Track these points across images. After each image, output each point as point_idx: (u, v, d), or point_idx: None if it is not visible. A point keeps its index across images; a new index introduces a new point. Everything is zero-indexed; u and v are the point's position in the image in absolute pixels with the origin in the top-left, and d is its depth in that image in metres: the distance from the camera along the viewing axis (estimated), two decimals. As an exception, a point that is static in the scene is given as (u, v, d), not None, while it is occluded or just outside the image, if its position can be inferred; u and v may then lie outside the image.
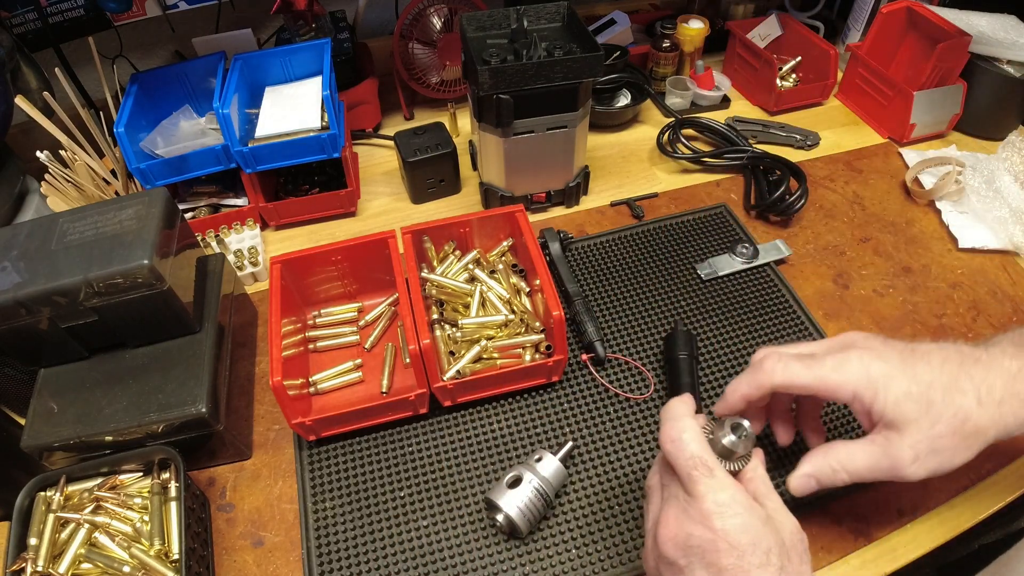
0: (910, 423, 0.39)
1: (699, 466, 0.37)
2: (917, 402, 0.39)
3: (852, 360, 0.40)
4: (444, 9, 0.87)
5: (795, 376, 0.41)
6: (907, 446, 0.39)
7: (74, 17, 0.84)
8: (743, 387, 0.43)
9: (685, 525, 0.36)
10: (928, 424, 0.38)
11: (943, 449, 0.39)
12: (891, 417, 0.39)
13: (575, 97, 0.68)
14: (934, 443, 0.38)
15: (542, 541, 0.51)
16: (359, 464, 0.57)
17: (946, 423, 0.38)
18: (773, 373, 0.41)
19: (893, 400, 0.39)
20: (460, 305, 0.65)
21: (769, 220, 0.78)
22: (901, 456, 0.39)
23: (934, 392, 0.39)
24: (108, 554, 0.48)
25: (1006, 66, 0.84)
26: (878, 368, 0.40)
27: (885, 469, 0.40)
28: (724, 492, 0.36)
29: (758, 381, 0.42)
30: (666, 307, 0.68)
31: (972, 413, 0.38)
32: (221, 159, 0.72)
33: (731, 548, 0.34)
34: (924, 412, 0.38)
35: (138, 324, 0.53)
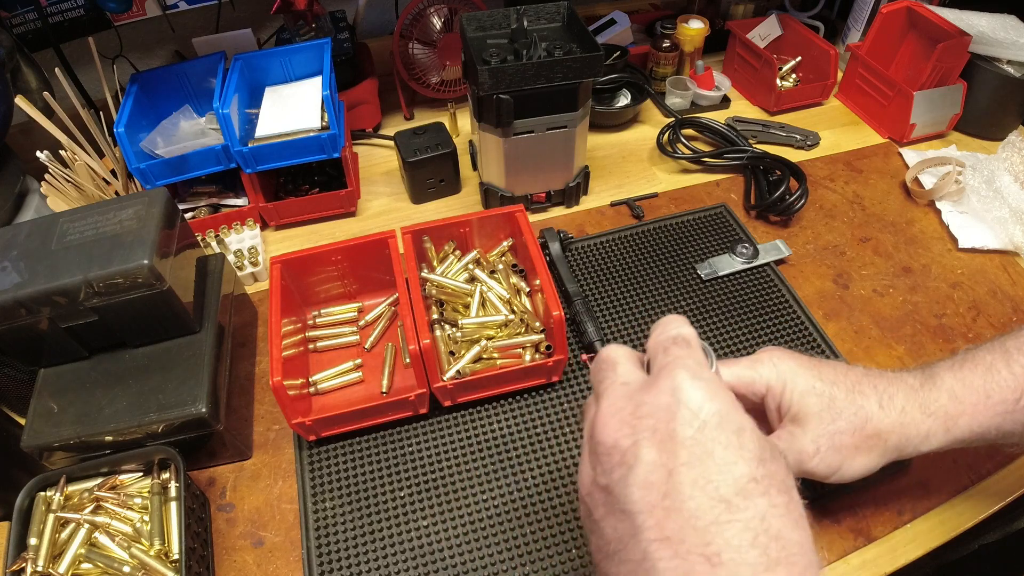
0: (812, 416, 0.40)
1: (680, 341, 0.30)
2: (820, 396, 0.40)
3: (764, 360, 0.42)
4: (444, 9, 0.87)
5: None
6: (809, 440, 0.40)
7: (74, 17, 0.85)
8: None
9: (634, 398, 0.29)
10: (829, 419, 0.40)
11: (843, 447, 0.40)
12: (796, 409, 0.41)
13: (575, 97, 0.68)
14: (834, 439, 0.40)
15: (542, 541, 0.51)
16: (359, 464, 0.57)
17: (847, 420, 0.40)
18: None
19: (799, 393, 0.40)
20: (460, 305, 0.65)
21: (769, 220, 0.78)
22: (804, 449, 0.40)
23: (837, 390, 0.40)
24: (108, 554, 0.48)
25: (1006, 66, 0.84)
26: (787, 365, 0.41)
27: (790, 463, 0.40)
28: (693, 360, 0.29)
29: None
30: (666, 307, 0.68)
31: (873, 415, 0.40)
32: (221, 159, 0.72)
33: (692, 415, 0.27)
34: (826, 407, 0.40)
35: (138, 324, 0.53)
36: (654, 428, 0.27)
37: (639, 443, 0.27)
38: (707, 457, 0.26)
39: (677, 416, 0.27)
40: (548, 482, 0.55)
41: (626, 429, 0.28)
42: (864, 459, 0.41)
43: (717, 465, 0.26)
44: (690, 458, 0.26)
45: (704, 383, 0.28)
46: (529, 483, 0.55)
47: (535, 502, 0.54)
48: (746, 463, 0.26)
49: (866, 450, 0.40)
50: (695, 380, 0.28)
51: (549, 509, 0.53)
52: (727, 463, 0.26)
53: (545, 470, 0.56)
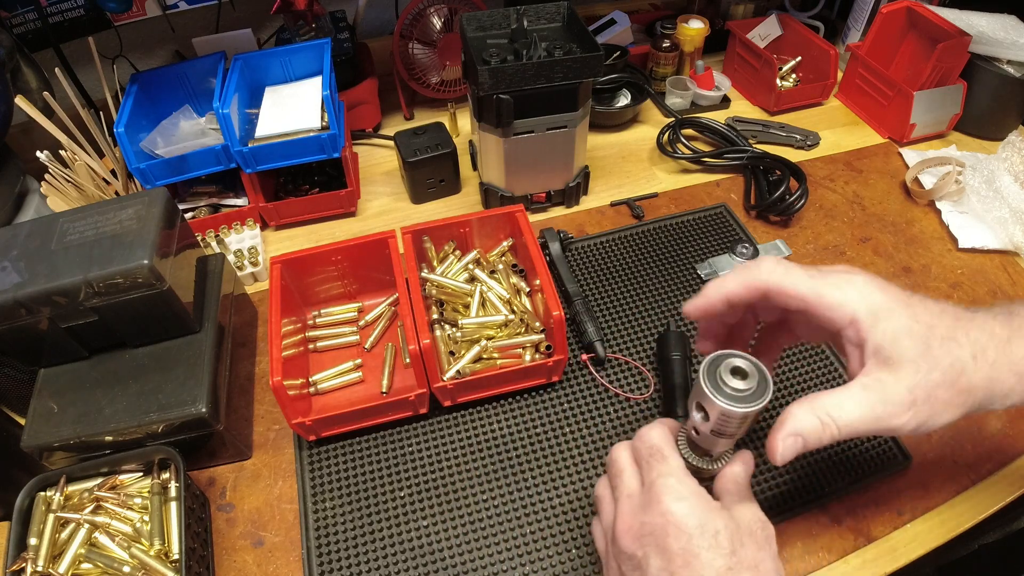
0: (907, 363, 0.35)
1: (656, 453, 0.38)
2: (916, 341, 0.35)
3: (856, 283, 0.36)
4: (444, 9, 0.87)
5: (794, 282, 0.37)
6: (904, 389, 0.34)
7: (74, 17, 0.85)
8: (730, 284, 0.38)
9: (639, 515, 0.37)
10: (927, 368, 0.35)
11: (936, 400, 0.35)
12: (888, 353, 0.35)
13: (575, 97, 0.68)
14: (930, 390, 0.35)
15: (542, 541, 0.51)
16: (359, 464, 0.57)
17: (943, 372, 0.35)
18: (772, 272, 0.37)
19: (892, 333, 0.35)
20: (460, 305, 0.65)
21: (769, 220, 0.78)
22: (897, 400, 0.34)
23: (933, 337, 0.35)
24: (108, 554, 0.48)
25: (1006, 66, 0.84)
26: (880, 298, 0.36)
27: (880, 417, 0.35)
28: (673, 476, 0.37)
29: (751, 278, 0.38)
30: (666, 307, 0.68)
31: (967, 368, 0.35)
32: (221, 159, 0.72)
33: (679, 531, 0.35)
34: (922, 354, 0.35)
35: (138, 324, 0.53)
36: (655, 544, 0.35)
37: (648, 554, 0.36)
38: (695, 559, 0.34)
39: (669, 534, 0.35)
40: (548, 482, 0.55)
41: (637, 543, 0.36)
42: (951, 414, 0.36)
43: (702, 564, 0.34)
44: (683, 563, 0.34)
45: (685, 503, 0.35)
46: (529, 483, 0.55)
47: (535, 502, 0.54)
48: (723, 557, 0.34)
49: (955, 405, 0.35)
50: (678, 503, 0.35)
51: (549, 509, 0.53)
52: (709, 561, 0.34)
53: (545, 470, 0.56)
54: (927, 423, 0.35)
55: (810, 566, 0.50)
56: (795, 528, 0.51)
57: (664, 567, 0.35)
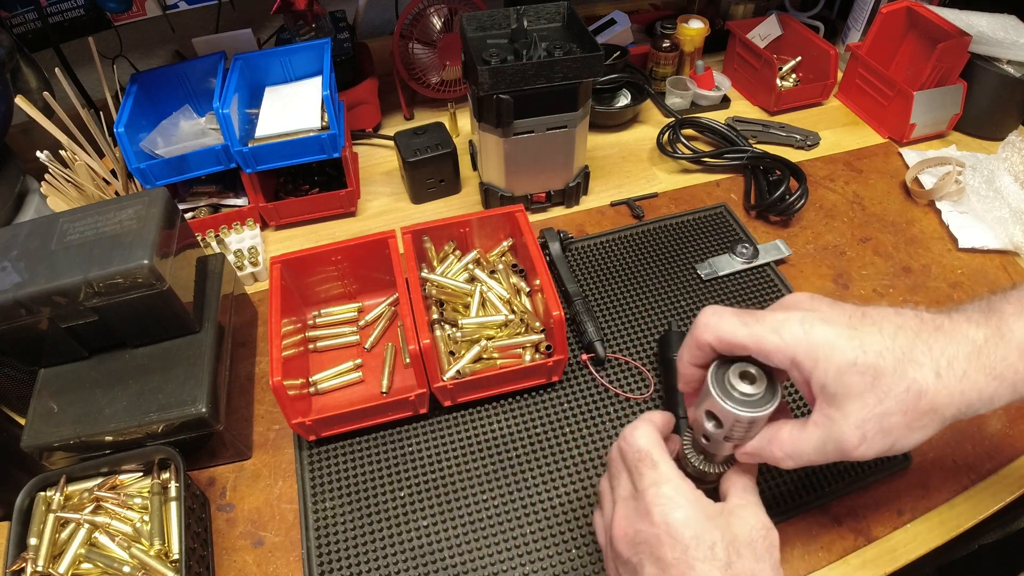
0: (853, 399, 0.33)
1: (644, 459, 0.37)
2: (863, 374, 0.33)
3: (793, 322, 0.34)
4: (444, 9, 0.87)
5: (729, 332, 0.36)
6: (852, 426, 0.34)
7: (74, 17, 0.84)
8: (685, 354, 0.38)
9: (634, 521, 0.37)
10: (875, 400, 0.33)
11: (893, 428, 0.34)
12: (832, 391, 0.34)
13: (575, 97, 0.68)
14: (882, 422, 0.33)
15: (542, 541, 0.51)
16: (359, 464, 0.57)
17: (896, 399, 0.33)
18: (706, 328, 0.36)
19: (835, 371, 0.33)
20: (460, 305, 0.65)
21: (769, 220, 0.78)
22: (846, 439, 0.34)
23: (883, 362, 0.33)
24: (108, 554, 0.48)
25: (1006, 66, 0.84)
26: (821, 333, 0.34)
27: (832, 452, 0.35)
28: (667, 485, 0.36)
29: (694, 339, 0.37)
30: (666, 307, 0.68)
31: (928, 388, 0.33)
32: (221, 159, 0.72)
33: (674, 542, 0.34)
34: (871, 386, 0.33)
35: (138, 324, 0.53)
36: (650, 552, 0.35)
37: (642, 561, 0.36)
38: (690, 571, 0.34)
39: (664, 544, 0.35)
40: (548, 482, 0.55)
41: (632, 550, 0.37)
42: (918, 435, 0.34)
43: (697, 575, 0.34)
44: (679, 573, 0.34)
45: (681, 512, 0.35)
46: (529, 483, 0.55)
47: (535, 502, 0.54)
48: (719, 570, 0.34)
49: (920, 427, 0.34)
50: (674, 512, 0.35)
51: (549, 509, 0.53)
52: (704, 572, 0.34)
53: (545, 470, 0.56)
54: (891, 449, 0.35)
55: (810, 566, 0.50)
56: (795, 528, 0.52)
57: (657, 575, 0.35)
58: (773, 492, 0.53)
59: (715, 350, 0.37)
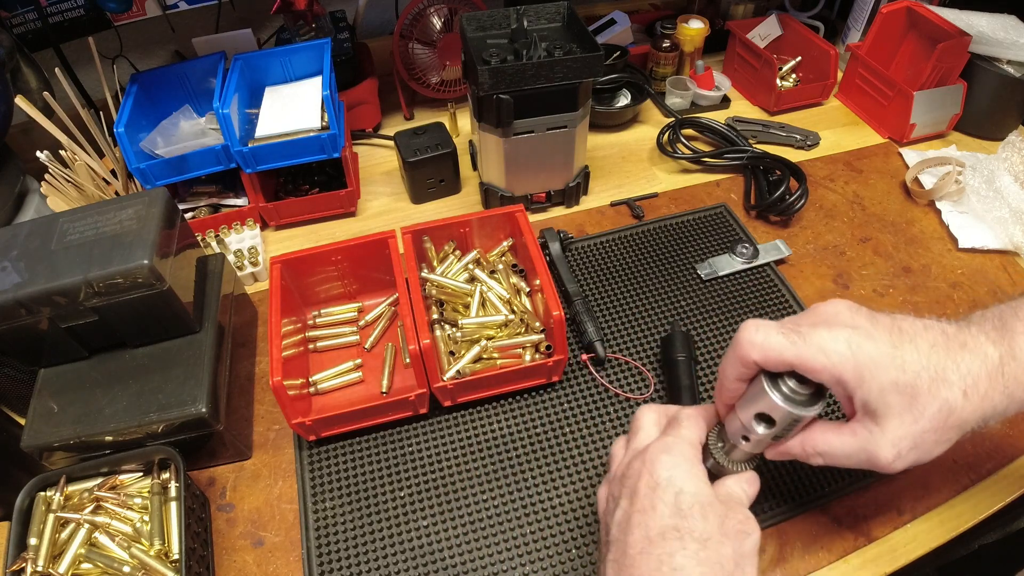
0: (893, 417, 0.36)
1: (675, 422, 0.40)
2: (903, 394, 0.36)
3: (840, 341, 0.36)
4: (444, 9, 0.87)
5: (776, 352, 0.37)
6: (889, 443, 0.37)
7: (74, 17, 0.84)
8: (729, 370, 0.40)
9: (632, 460, 0.39)
10: (912, 419, 0.36)
11: (924, 444, 0.37)
12: (874, 407, 0.37)
13: (575, 97, 0.68)
14: (917, 439, 0.36)
15: (542, 541, 0.51)
16: (359, 464, 0.57)
17: (930, 419, 0.36)
18: (752, 348, 0.38)
19: (879, 390, 0.36)
20: (460, 305, 0.65)
21: (769, 220, 0.78)
22: (881, 453, 0.37)
23: (921, 382, 0.36)
24: (108, 554, 0.48)
25: (1006, 66, 0.84)
26: (867, 352, 0.36)
27: (863, 461, 0.38)
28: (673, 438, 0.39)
29: (739, 357, 0.39)
30: (666, 307, 0.68)
31: (957, 407, 0.36)
32: (221, 159, 0.72)
33: (650, 477, 0.37)
34: (909, 406, 0.36)
35: (138, 324, 0.53)
36: (630, 486, 0.38)
37: (622, 495, 0.38)
38: (651, 509, 0.36)
39: (642, 478, 0.37)
40: (548, 482, 0.55)
41: (619, 484, 0.39)
42: (942, 448, 0.37)
43: (654, 515, 0.35)
44: (640, 508, 0.36)
45: (668, 456, 0.37)
46: (529, 483, 0.55)
47: (535, 502, 0.54)
48: (671, 517, 0.35)
49: (946, 441, 0.37)
50: (663, 454, 0.37)
51: (549, 509, 0.53)
52: (660, 515, 0.35)
53: (545, 470, 0.56)
54: (917, 462, 0.38)
55: (810, 566, 0.50)
56: (795, 528, 0.52)
57: (626, 509, 0.37)
58: (774, 492, 0.53)
59: (761, 366, 0.38)
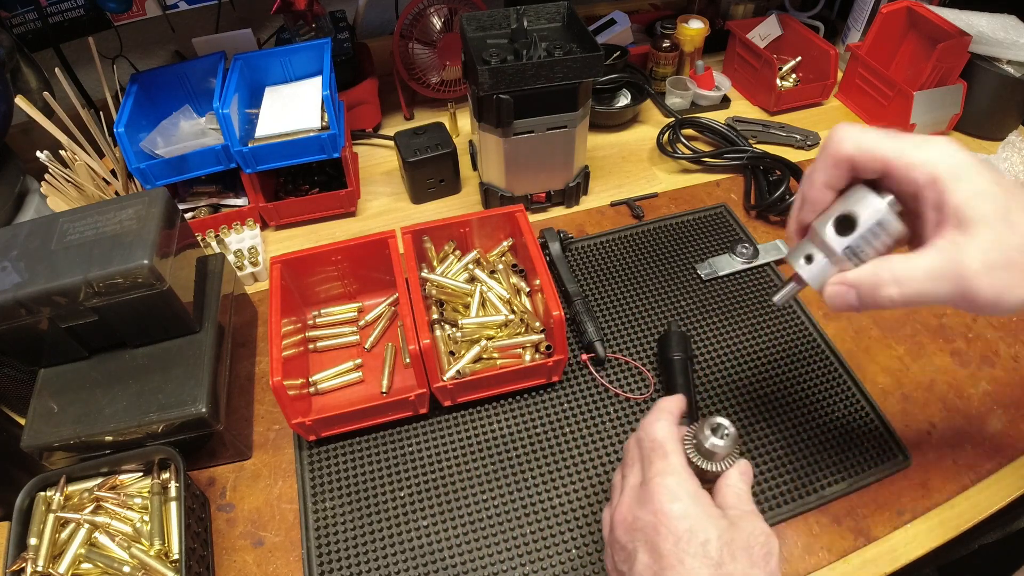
0: (985, 224, 0.33)
1: (658, 449, 0.38)
2: (996, 204, 0.33)
3: (938, 142, 0.35)
4: (444, 9, 0.87)
5: (872, 144, 0.35)
6: (978, 250, 0.33)
7: (74, 17, 0.84)
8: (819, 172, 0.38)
9: (635, 508, 0.37)
10: (1005, 228, 0.33)
11: (1014, 267, 0.33)
12: (965, 213, 0.33)
13: (575, 97, 0.68)
14: (1008, 254, 0.33)
15: (542, 541, 0.51)
16: (359, 464, 0.57)
17: (1021, 237, 0.33)
18: (847, 140, 0.36)
19: (972, 192, 0.33)
20: (460, 305, 0.65)
21: (769, 220, 0.78)
22: (969, 262, 0.33)
23: (1013, 201, 0.33)
24: (108, 554, 0.48)
25: (1006, 66, 0.84)
26: (962, 158, 0.34)
27: (949, 278, 0.34)
28: (673, 476, 0.37)
29: (832, 156, 0.37)
30: (666, 307, 0.68)
31: None
32: (221, 159, 0.72)
33: (669, 532, 0.35)
34: (1002, 217, 0.33)
35: (138, 324, 0.53)
36: (645, 540, 0.36)
37: (637, 549, 0.36)
38: (679, 564, 0.34)
39: (659, 534, 0.35)
40: (548, 482, 0.55)
41: (629, 536, 0.37)
42: None
43: (687, 569, 0.34)
44: (668, 565, 0.34)
45: (679, 505, 0.36)
46: (529, 483, 0.55)
47: (535, 502, 0.54)
48: (708, 568, 0.34)
49: None
50: (672, 503, 0.36)
51: (549, 509, 0.53)
52: (693, 568, 0.34)
53: (545, 470, 0.56)
54: (1004, 295, 0.33)
55: (810, 566, 0.50)
56: (795, 528, 0.52)
57: (650, 565, 0.35)
58: (774, 492, 0.53)
59: (854, 166, 0.36)
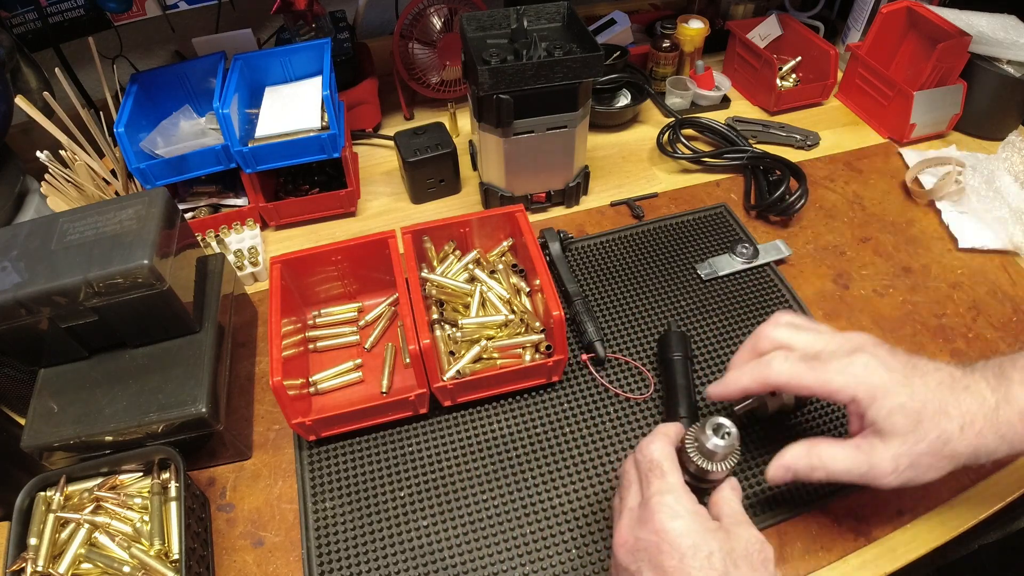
0: (897, 436, 0.40)
1: (655, 469, 0.40)
2: (908, 417, 0.40)
3: (857, 364, 0.42)
4: (444, 9, 0.87)
5: (800, 378, 0.42)
6: (890, 457, 0.40)
7: (74, 17, 0.84)
8: (746, 380, 0.44)
9: (635, 530, 0.39)
10: (913, 440, 0.40)
11: (920, 465, 0.41)
12: (882, 426, 0.41)
13: (575, 97, 0.68)
14: (914, 459, 0.40)
15: (542, 541, 0.51)
16: (359, 464, 0.57)
17: (929, 443, 0.40)
18: (780, 374, 0.43)
19: (888, 410, 0.41)
20: (460, 305, 0.65)
21: (769, 220, 0.78)
22: (882, 466, 0.41)
23: (925, 411, 0.40)
24: (108, 554, 0.48)
25: (1006, 66, 0.84)
26: (880, 377, 0.41)
27: (862, 474, 0.41)
28: (671, 494, 0.38)
29: (763, 377, 0.43)
30: (666, 307, 0.68)
31: (953, 438, 0.40)
32: (221, 159, 0.72)
33: (672, 550, 0.36)
34: (912, 428, 0.40)
35: (138, 324, 0.53)
36: (649, 560, 0.37)
37: (641, 569, 0.38)
38: None
39: (663, 552, 0.36)
40: (548, 482, 0.55)
41: (631, 557, 0.38)
42: (935, 473, 0.41)
43: None
44: None
45: (680, 522, 0.37)
46: (529, 483, 0.55)
47: (535, 502, 0.54)
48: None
49: (938, 468, 0.41)
50: (673, 521, 0.37)
51: (549, 509, 0.53)
52: None
53: (545, 470, 0.56)
54: (911, 482, 0.41)
55: (810, 566, 0.50)
56: (795, 528, 0.52)
57: None
58: (774, 492, 0.53)
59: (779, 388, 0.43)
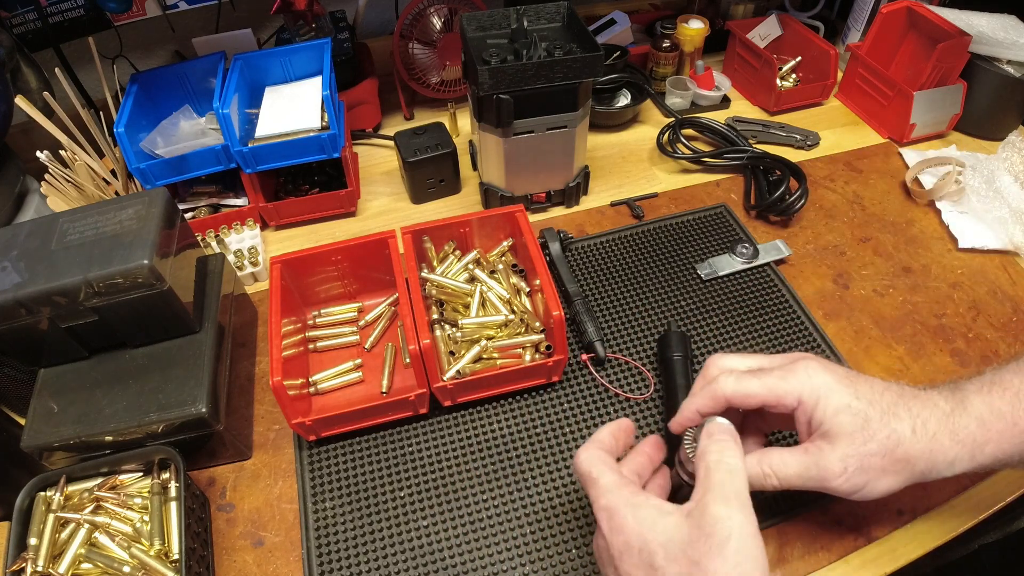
0: (844, 436, 0.39)
1: (587, 480, 0.40)
2: (854, 416, 0.40)
3: (799, 370, 0.41)
4: (444, 9, 0.87)
5: (748, 389, 0.42)
6: (837, 459, 0.39)
7: (74, 17, 0.84)
8: (699, 402, 0.44)
9: (597, 539, 0.40)
10: (861, 440, 0.39)
11: (871, 468, 0.39)
12: (827, 427, 0.40)
13: (575, 97, 0.68)
14: (863, 461, 0.39)
15: (542, 541, 0.51)
16: (359, 464, 0.57)
17: (879, 443, 0.39)
18: (726, 386, 0.42)
19: (832, 410, 0.40)
20: (460, 305, 0.65)
21: (769, 220, 0.78)
22: (830, 468, 0.39)
23: (872, 411, 0.40)
24: (108, 554, 0.48)
25: (1006, 66, 0.84)
26: (822, 379, 0.41)
27: (814, 478, 0.40)
28: (604, 497, 0.38)
29: (712, 394, 0.43)
30: (666, 307, 0.68)
31: (905, 439, 0.39)
32: (221, 159, 0.72)
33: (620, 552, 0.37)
34: (860, 428, 0.39)
35: (138, 324, 0.53)
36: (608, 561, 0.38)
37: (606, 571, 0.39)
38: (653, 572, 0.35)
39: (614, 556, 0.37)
40: (548, 482, 0.55)
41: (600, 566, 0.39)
42: (890, 480, 0.40)
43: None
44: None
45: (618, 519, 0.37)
46: (529, 483, 0.55)
47: (535, 502, 0.54)
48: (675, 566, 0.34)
49: (893, 473, 0.40)
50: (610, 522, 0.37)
51: (549, 509, 0.53)
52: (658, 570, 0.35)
53: (545, 470, 0.56)
54: (864, 488, 0.40)
55: (810, 566, 0.50)
56: (795, 528, 0.52)
57: None
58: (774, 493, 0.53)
59: (731, 404, 0.42)
